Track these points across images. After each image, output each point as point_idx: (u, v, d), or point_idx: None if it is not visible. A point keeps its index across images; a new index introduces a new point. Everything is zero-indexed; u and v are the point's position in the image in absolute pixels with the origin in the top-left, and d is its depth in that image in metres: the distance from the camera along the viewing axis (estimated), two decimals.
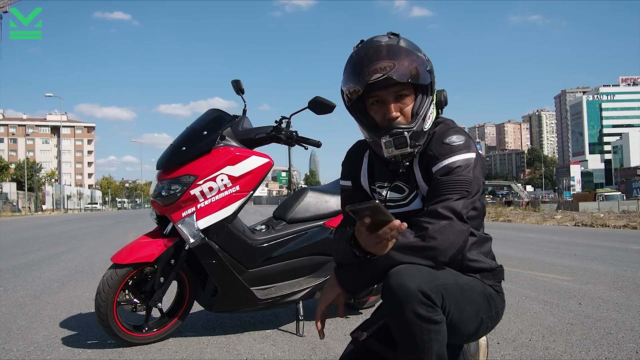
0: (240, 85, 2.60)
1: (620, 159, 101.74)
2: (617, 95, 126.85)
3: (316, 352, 2.27)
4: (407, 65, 1.27)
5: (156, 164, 2.44)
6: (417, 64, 1.29)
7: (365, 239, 1.17)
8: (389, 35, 1.34)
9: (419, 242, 1.21)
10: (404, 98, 1.31)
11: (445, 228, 1.21)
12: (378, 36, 1.35)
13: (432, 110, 1.35)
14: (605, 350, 2.24)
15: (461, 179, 1.26)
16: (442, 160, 1.28)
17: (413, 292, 1.13)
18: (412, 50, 1.30)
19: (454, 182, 1.26)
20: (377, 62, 1.27)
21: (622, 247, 6.73)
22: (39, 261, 5.80)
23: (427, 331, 1.14)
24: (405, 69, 1.27)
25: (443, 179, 1.26)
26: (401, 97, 1.31)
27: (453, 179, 1.26)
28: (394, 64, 1.26)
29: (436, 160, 1.29)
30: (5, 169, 56.67)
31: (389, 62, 1.26)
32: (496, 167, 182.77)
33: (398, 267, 1.19)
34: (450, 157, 1.28)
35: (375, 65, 1.26)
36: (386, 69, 1.25)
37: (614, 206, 25.29)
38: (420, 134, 1.32)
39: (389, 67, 1.25)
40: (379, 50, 1.29)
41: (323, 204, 2.67)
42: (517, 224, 14.17)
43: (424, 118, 1.32)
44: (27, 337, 2.58)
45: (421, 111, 1.31)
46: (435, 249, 1.20)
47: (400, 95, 1.31)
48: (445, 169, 1.27)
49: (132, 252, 2.29)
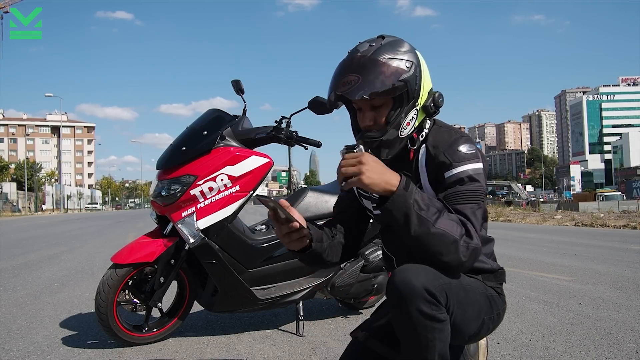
0: (240, 85, 2.60)
1: (620, 159, 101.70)
2: (617, 95, 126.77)
3: (316, 352, 2.27)
4: (371, 80, 1.25)
5: (156, 164, 2.44)
6: (383, 76, 1.26)
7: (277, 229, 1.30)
8: (373, 41, 1.32)
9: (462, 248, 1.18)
10: (379, 107, 1.31)
11: (477, 251, 1.20)
12: (365, 41, 1.34)
13: (412, 116, 1.34)
14: (605, 350, 2.24)
15: (477, 189, 1.26)
16: (456, 167, 1.27)
17: (418, 289, 1.13)
18: (383, 61, 1.27)
19: (470, 192, 1.26)
20: (346, 75, 1.28)
21: (622, 247, 6.73)
22: (39, 261, 5.80)
23: (430, 329, 1.14)
24: (366, 84, 1.25)
25: (460, 188, 1.26)
26: (376, 107, 1.31)
27: (470, 188, 1.26)
28: (358, 77, 1.26)
29: (450, 167, 1.28)
30: (5, 169, 56.68)
31: (354, 76, 1.26)
32: (496, 167, 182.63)
33: (403, 265, 1.19)
34: (463, 165, 1.27)
35: (344, 78, 1.28)
36: (350, 83, 1.26)
37: (614, 206, 25.26)
38: (394, 142, 1.32)
39: (353, 81, 1.26)
40: (351, 62, 1.29)
41: (323, 204, 2.67)
42: (517, 224, 14.16)
43: (398, 126, 1.31)
44: (27, 337, 2.59)
45: (394, 120, 1.31)
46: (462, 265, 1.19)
47: (375, 105, 1.31)
48: (459, 176, 1.27)
49: (132, 252, 2.29)
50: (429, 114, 1.38)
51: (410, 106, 1.32)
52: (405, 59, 1.30)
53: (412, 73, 1.30)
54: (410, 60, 1.31)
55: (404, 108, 1.32)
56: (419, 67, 1.32)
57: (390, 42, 1.32)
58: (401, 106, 1.32)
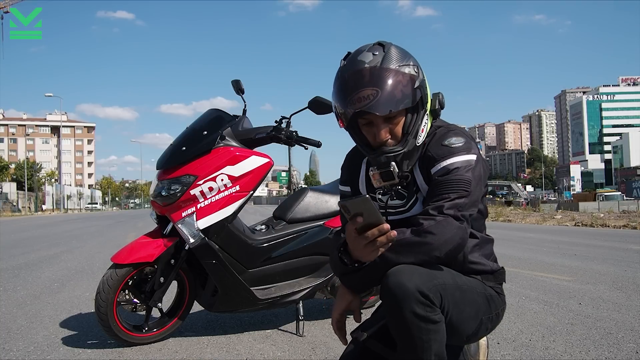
0: (240, 85, 2.60)
1: (620, 159, 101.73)
2: (617, 95, 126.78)
3: (316, 352, 2.27)
4: (391, 91, 1.22)
5: (156, 164, 2.44)
6: (402, 85, 1.23)
7: (353, 241, 1.15)
8: (374, 49, 1.28)
9: (414, 238, 1.20)
10: (394, 119, 1.28)
11: (441, 224, 1.20)
12: (363, 53, 1.28)
13: (425, 122, 1.33)
14: (605, 350, 2.24)
15: (459, 179, 1.25)
16: (441, 162, 1.27)
17: (411, 291, 1.13)
18: (397, 70, 1.24)
19: (451, 181, 1.25)
20: (360, 89, 1.23)
21: (622, 247, 6.73)
22: (39, 261, 5.80)
23: (425, 331, 1.14)
24: (388, 97, 1.22)
25: (441, 179, 1.26)
26: (391, 119, 1.28)
27: (451, 178, 1.25)
28: (376, 91, 1.22)
29: (435, 162, 1.28)
30: (5, 169, 56.68)
31: (371, 90, 1.22)
32: (496, 167, 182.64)
33: (397, 267, 1.18)
34: (448, 158, 1.27)
35: (359, 94, 1.23)
36: (369, 97, 1.22)
37: (614, 206, 25.26)
38: (413, 152, 1.31)
39: (371, 95, 1.22)
40: (362, 75, 1.24)
41: (323, 204, 2.68)
42: (517, 224, 14.16)
43: (416, 135, 1.30)
44: (27, 337, 2.58)
45: (412, 129, 1.30)
46: (429, 244, 1.19)
47: (390, 117, 1.27)
48: (444, 170, 1.26)
49: (132, 252, 2.29)
50: (435, 116, 1.39)
51: (423, 113, 1.32)
52: (412, 64, 1.29)
53: (422, 77, 1.30)
54: (415, 65, 1.30)
55: (420, 114, 1.31)
56: (422, 72, 1.32)
57: (392, 48, 1.28)
58: (417, 113, 1.30)
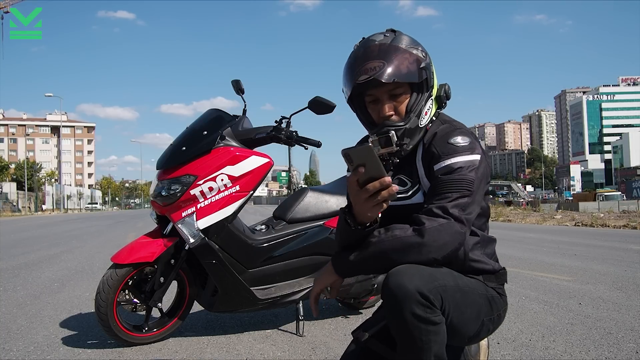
0: (240, 85, 2.60)
1: (620, 159, 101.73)
2: (617, 95, 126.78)
3: (316, 352, 2.26)
4: (397, 64, 1.28)
5: (156, 164, 2.44)
6: (408, 62, 1.30)
7: (355, 195, 1.18)
8: (386, 32, 1.35)
9: (413, 237, 1.20)
10: (398, 96, 1.33)
11: (443, 227, 1.20)
12: (375, 34, 1.36)
13: (429, 106, 1.37)
14: (605, 350, 2.24)
15: (462, 178, 1.25)
16: (445, 160, 1.28)
17: (411, 292, 1.13)
18: (405, 48, 1.31)
19: (455, 180, 1.25)
20: (367, 62, 1.29)
21: (622, 247, 6.73)
22: (39, 261, 5.80)
23: (425, 332, 1.14)
24: (394, 69, 1.28)
25: (444, 177, 1.26)
26: (396, 96, 1.33)
27: (454, 177, 1.25)
28: (383, 63, 1.27)
29: (439, 159, 1.29)
30: (5, 169, 56.67)
31: (378, 62, 1.28)
32: (496, 167, 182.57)
33: (397, 268, 1.18)
34: (453, 157, 1.27)
35: (365, 66, 1.29)
36: (375, 69, 1.27)
37: (614, 206, 25.27)
38: (415, 131, 1.34)
39: (377, 67, 1.27)
40: (370, 49, 1.31)
41: (323, 204, 2.67)
42: (517, 224, 14.17)
43: (419, 115, 1.34)
44: (27, 337, 2.58)
45: (416, 108, 1.34)
46: (428, 245, 1.19)
47: (395, 94, 1.33)
48: (447, 168, 1.27)
49: (132, 252, 2.29)
50: (440, 105, 1.42)
51: (427, 95, 1.36)
52: (420, 49, 1.35)
53: (428, 62, 1.35)
54: (424, 51, 1.36)
55: (424, 95, 1.35)
56: (430, 58, 1.37)
57: (403, 34, 1.36)
58: (421, 94, 1.35)
